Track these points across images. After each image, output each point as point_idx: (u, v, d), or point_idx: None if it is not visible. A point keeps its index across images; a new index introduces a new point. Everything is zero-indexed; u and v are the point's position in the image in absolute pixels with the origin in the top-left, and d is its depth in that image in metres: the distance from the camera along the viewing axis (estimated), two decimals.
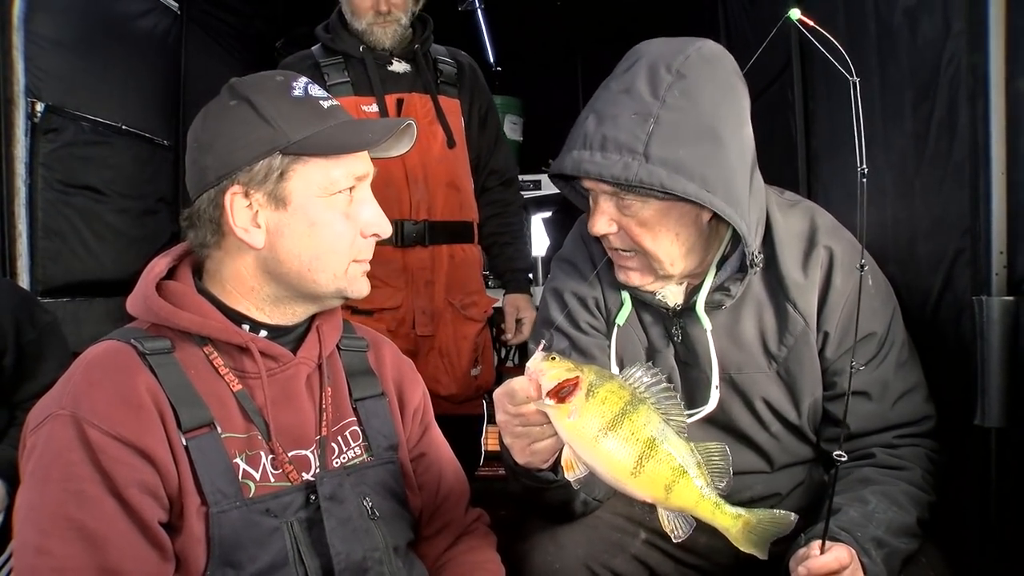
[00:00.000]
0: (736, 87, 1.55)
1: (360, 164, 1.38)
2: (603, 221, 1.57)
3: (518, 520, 1.84)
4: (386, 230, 1.42)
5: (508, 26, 5.15)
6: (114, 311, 3.12)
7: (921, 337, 1.75)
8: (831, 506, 1.40)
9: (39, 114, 2.87)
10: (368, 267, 1.44)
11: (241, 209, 1.33)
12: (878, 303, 1.65)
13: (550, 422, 1.29)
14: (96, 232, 3.15)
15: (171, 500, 1.24)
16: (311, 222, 1.34)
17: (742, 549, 1.30)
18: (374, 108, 2.72)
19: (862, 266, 1.33)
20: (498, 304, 3.13)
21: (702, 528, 1.79)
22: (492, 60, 5.57)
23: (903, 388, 1.64)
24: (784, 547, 1.54)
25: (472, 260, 2.94)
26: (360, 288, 1.42)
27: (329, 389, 1.45)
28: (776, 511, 1.30)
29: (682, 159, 1.44)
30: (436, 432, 1.68)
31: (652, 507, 1.31)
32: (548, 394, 1.25)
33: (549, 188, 5.01)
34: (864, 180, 1.27)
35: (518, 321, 3.05)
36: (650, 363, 1.33)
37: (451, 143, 2.80)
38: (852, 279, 1.58)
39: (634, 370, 1.28)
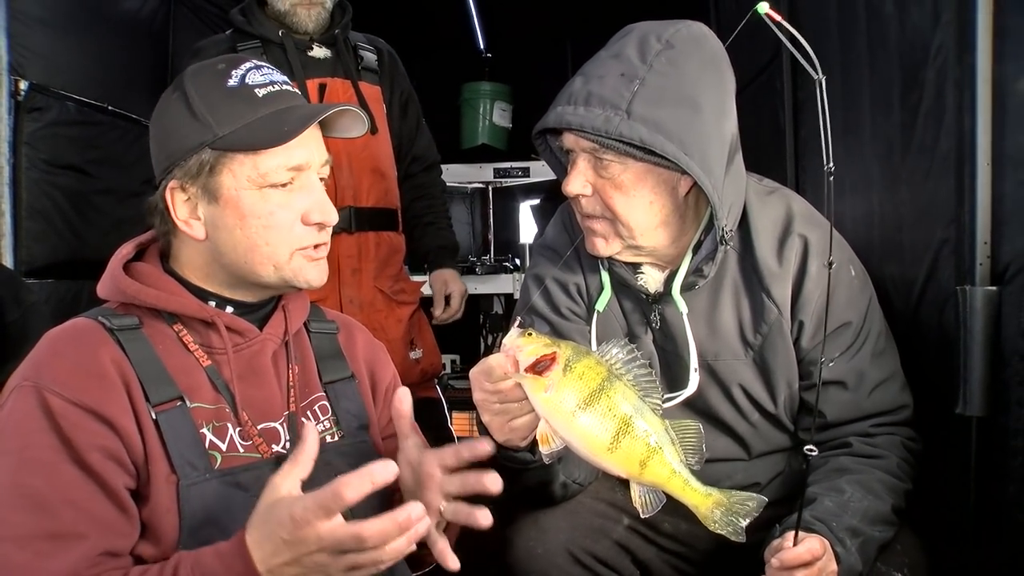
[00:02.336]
0: (720, 67, 1.56)
1: (298, 153, 1.34)
2: (579, 181, 1.57)
3: (499, 506, 1.84)
4: (330, 217, 1.39)
5: (498, 13, 5.14)
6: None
7: (904, 326, 1.75)
8: (804, 498, 1.40)
9: (23, 92, 2.84)
10: (320, 254, 1.42)
11: (180, 203, 1.35)
12: (855, 292, 1.65)
13: (527, 399, 1.30)
14: (81, 213, 3.12)
15: (137, 468, 1.24)
16: (242, 215, 1.33)
17: (713, 530, 1.31)
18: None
19: (830, 263, 1.33)
20: (480, 292, 3.15)
21: (684, 514, 1.79)
22: (482, 47, 5.56)
23: (879, 377, 1.64)
24: (761, 537, 1.55)
25: (398, 247, 2.93)
26: (309, 277, 1.40)
27: (296, 367, 1.46)
28: (746, 493, 1.31)
29: (663, 120, 1.45)
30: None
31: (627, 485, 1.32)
32: (526, 370, 1.26)
33: (537, 175, 5.02)
34: (831, 179, 1.27)
35: (447, 297, 3.05)
36: (626, 340, 1.34)
37: (373, 129, 2.75)
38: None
39: (610, 346, 1.29)
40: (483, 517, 1.24)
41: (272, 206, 1.34)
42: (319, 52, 2.76)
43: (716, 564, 1.82)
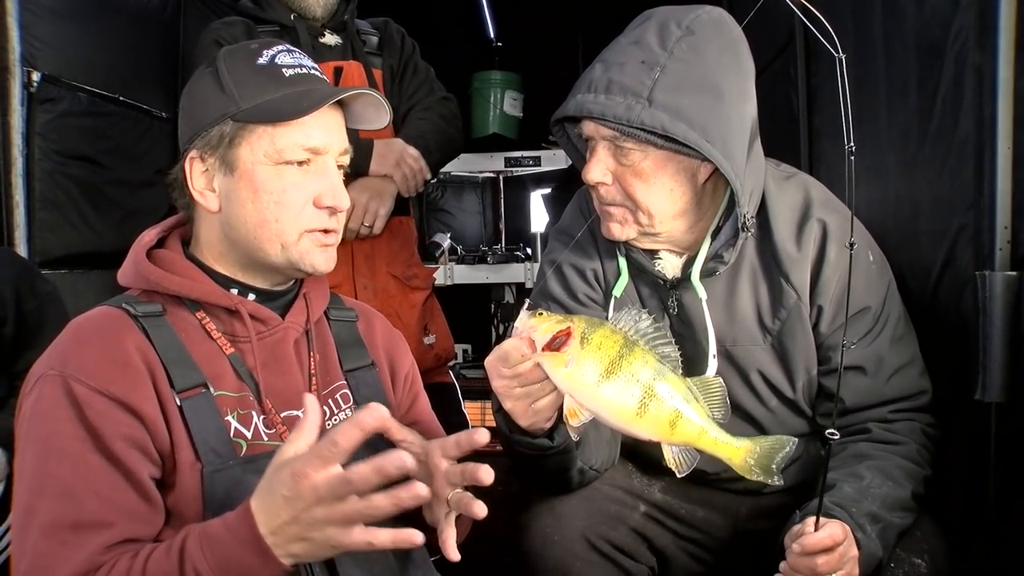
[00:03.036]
0: (740, 52, 1.55)
1: (316, 134, 1.36)
2: (599, 168, 1.56)
3: (516, 494, 1.84)
4: (342, 202, 1.40)
5: (509, 2, 5.12)
6: (111, 283, 3.06)
7: (922, 313, 1.74)
8: (824, 483, 1.40)
9: (35, 83, 2.84)
10: (329, 240, 1.42)
11: (198, 174, 1.37)
12: (874, 277, 1.64)
13: (548, 378, 1.30)
14: (93, 203, 3.13)
15: (162, 456, 1.25)
16: (255, 189, 1.35)
17: (750, 478, 1.31)
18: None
19: (851, 244, 1.32)
20: (491, 281, 3.05)
21: (701, 501, 1.81)
22: (492, 36, 5.54)
23: (898, 363, 1.64)
24: (776, 524, 1.55)
25: (409, 233, 2.90)
26: (315, 262, 1.40)
27: (317, 355, 1.46)
28: (775, 436, 1.32)
29: (685, 107, 1.45)
30: (425, 402, 1.69)
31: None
32: (543, 348, 1.26)
33: (549, 164, 5.01)
34: (852, 158, 1.26)
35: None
36: (638, 306, 1.34)
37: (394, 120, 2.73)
38: (846, 253, 1.58)
39: (621, 314, 1.29)
40: (479, 509, 1.23)
41: (285, 183, 1.35)
42: (330, 39, 2.75)
43: (732, 551, 1.83)
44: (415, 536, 1.09)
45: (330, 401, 1.47)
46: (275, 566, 1.11)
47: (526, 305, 1.33)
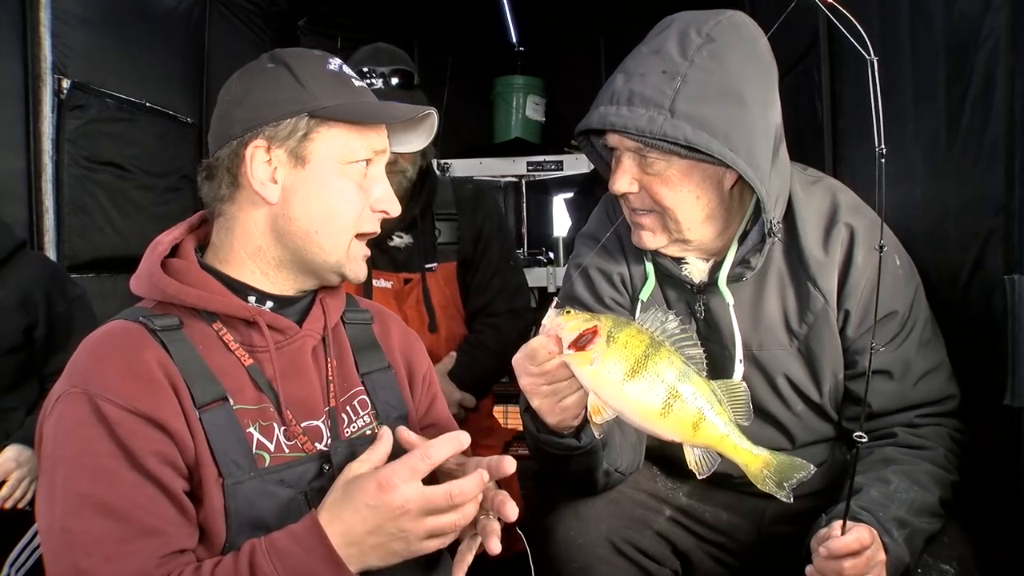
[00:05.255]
0: (763, 57, 1.55)
1: (380, 140, 1.43)
2: (625, 179, 1.56)
3: (541, 496, 1.84)
4: (395, 209, 1.46)
5: (531, 7, 5.13)
6: None
7: (950, 317, 1.73)
8: (852, 486, 1.39)
9: (65, 90, 2.89)
10: (367, 251, 1.47)
11: (261, 163, 1.36)
12: (901, 282, 1.63)
13: (575, 376, 1.30)
14: (121, 208, 3.18)
15: (189, 471, 1.24)
16: (324, 183, 1.37)
17: (761, 487, 1.31)
18: (385, 284, 2.69)
19: (881, 247, 1.32)
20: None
21: (725, 505, 1.81)
22: (515, 40, 5.55)
23: (925, 367, 1.63)
24: (800, 528, 1.54)
25: None
26: (358, 270, 1.44)
27: (334, 360, 1.46)
28: (794, 457, 1.32)
29: (707, 116, 1.45)
30: (443, 403, 1.70)
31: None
32: (569, 346, 1.27)
33: (571, 169, 5.00)
34: (883, 161, 1.25)
35: None
36: (664, 307, 1.34)
37: (432, 327, 2.72)
38: (873, 257, 1.57)
39: (648, 315, 1.30)
40: (511, 510, 1.26)
41: (350, 184, 1.39)
42: (399, 241, 2.71)
43: (757, 555, 1.82)
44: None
45: (348, 408, 1.46)
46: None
47: (554, 304, 1.33)
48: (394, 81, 2.66)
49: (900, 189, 2.08)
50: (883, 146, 1.25)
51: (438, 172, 2.88)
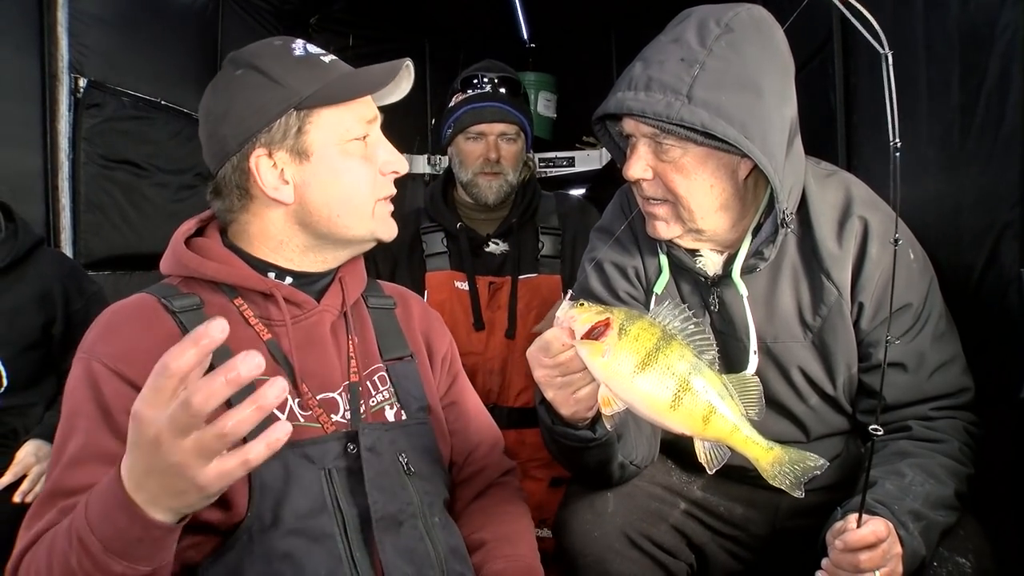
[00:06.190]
0: (780, 49, 1.55)
1: (369, 109, 1.45)
2: (640, 165, 1.57)
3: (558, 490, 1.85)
4: (402, 167, 1.49)
5: (542, 3, 5.12)
6: (152, 284, 3.17)
7: (964, 311, 1.72)
8: (867, 479, 1.39)
9: (82, 89, 2.92)
10: (391, 207, 1.50)
11: (267, 170, 1.39)
12: (915, 274, 1.63)
13: (588, 368, 1.31)
14: (136, 206, 3.20)
15: None
16: (333, 169, 1.40)
17: (771, 483, 1.30)
18: (464, 286, 2.72)
19: (896, 240, 1.32)
20: None
21: (740, 499, 1.81)
22: (526, 36, 5.54)
23: (940, 360, 1.62)
24: (814, 522, 1.54)
25: None
26: (389, 229, 1.49)
27: (355, 337, 1.49)
28: (806, 452, 1.31)
29: (724, 104, 1.45)
30: (465, 382, 1.72)
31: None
32: (581, 337, 1.27)
33: (583, 165, 5.00)
34: (897, 155, 1.25)
35: None
36: (676, 300, 1.34)
37: (510, 334, 2.73)
38: (887, 250, 1.57)
39: (662, 308, 1.30)
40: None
41: (356, 161, 1.42)
42: (494, 248, 2.77)
43: (771, 548, 1.82)
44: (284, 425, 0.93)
45: (368, 383, 1.49)
46: (154, 526, 0.99)
47: (567, 296, 1.34)
48: (502, 91, 2.76)
49: (914, 182, 2.08)
50: (897, 140, 1.25)
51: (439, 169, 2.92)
